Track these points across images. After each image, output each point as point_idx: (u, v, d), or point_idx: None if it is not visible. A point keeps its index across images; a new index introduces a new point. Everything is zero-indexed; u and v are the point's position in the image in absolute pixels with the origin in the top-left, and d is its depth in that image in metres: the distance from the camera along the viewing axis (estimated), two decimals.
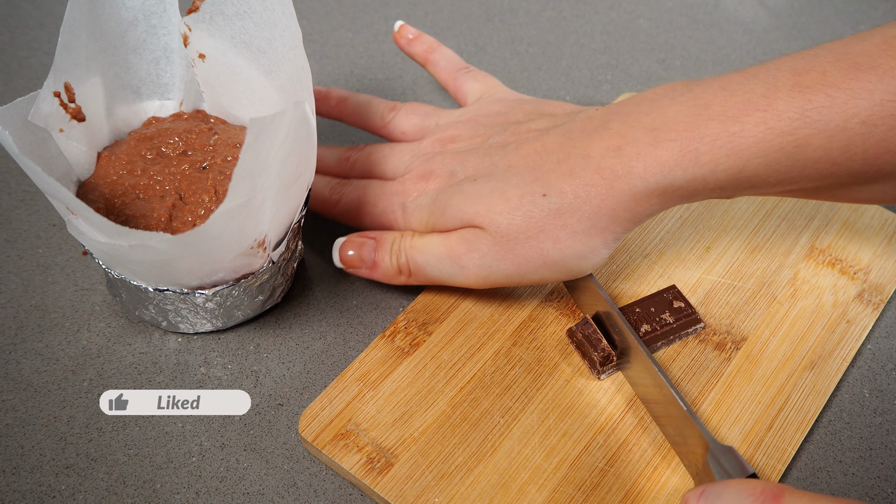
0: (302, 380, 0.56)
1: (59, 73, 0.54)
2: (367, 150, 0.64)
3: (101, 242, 0.48)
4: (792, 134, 0.47)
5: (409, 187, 0.59)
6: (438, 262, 0.56)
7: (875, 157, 0.48)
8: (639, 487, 0.51)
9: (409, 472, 0.51)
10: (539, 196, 0.52)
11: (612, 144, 0.51)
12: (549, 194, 0.52)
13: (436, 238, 0.56)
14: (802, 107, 0.47)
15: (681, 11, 0.84)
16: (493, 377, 0.55)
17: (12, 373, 0.56)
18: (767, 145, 0.48)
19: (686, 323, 0.57)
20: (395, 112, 0.66)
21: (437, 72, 0.69)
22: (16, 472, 0.52)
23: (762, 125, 0.48)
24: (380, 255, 0.57)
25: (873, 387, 0.57)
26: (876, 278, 0.61)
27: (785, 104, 0.47)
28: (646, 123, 0.51)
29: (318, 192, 0.62)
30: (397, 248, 0.57)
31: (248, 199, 0.47)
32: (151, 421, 0.54)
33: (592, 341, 0.55)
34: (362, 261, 0.58)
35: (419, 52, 0.70)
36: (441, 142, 0.62)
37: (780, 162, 0.48)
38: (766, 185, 0.50)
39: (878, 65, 0.46)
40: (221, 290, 0.54)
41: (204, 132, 0.58)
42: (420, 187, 0.59)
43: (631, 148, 0.50)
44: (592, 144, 0.52)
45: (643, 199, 0.51)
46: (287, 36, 0.54)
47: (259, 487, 0.52)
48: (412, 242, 0.57)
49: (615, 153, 0.51)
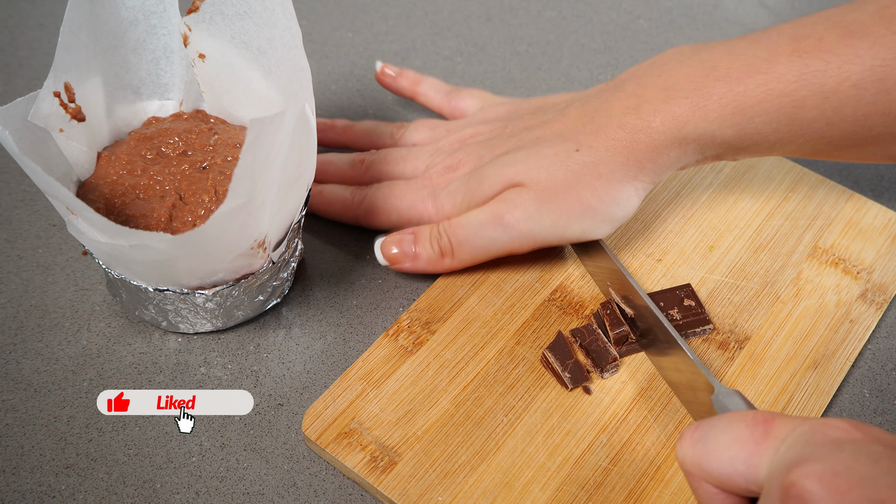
0: (302, 380, 0.56)
1: (59, 73, 0.54)
2: (382, 153, 0.65)
3: (102, 242, 0.48)
4: (790, 95, 0.53)
5: (436, 180, 0.61)
6: (481, 230, 0.57)
7: (864, 118, 0.53)
8: (642, 486, 0.51)
9: (413, 471, 0.51)
10: (573, 151, 0.56)
11: (630, 104, 0.56)
12: (581, 149, 0.56)
13: (475, 210, 0.58)
14: (800, 70, 0.53)
15: (681, 11, 0.84)
16: (497, 376, 0.55)
17: (12, 373, 0.56)
18: (768, 105, 0.53)
19: (693, 322, 0.57)
20: (404, 129, 0.68)
21: (429, 100, 0.71)
22: (16, 472, 0.52)
23: (763, 86, 0.53)
24: (420, 246, 0.59)
25: (873, 387, 0.57)
26: (879, 278, 0.61)
27: (784, 67, 0.53)
28: (659, 84, 0.56)
29: (339, 196, 0.63)
30: (435, 233, 0.59)
31: (248, 199, 0.47)
32: (151, 421, 0.54)
33: (564, 363, 0.55)
34: (405, 254, 0.59)
35: (406, 87, 0.71)
36: (460, 140, 0.64)
37: (779, 121, 0.54)
38: (767, 143, 0.55)
39: (870, 33, 0.52)
40: (221, 290, 0.54)
41: (204, 132, 0.58)
42: (449, 177, 0.61)
43: (647, 106, 0.55)
44: (612, 106, 0.57)
45: (662, 150, 0.56)
46: (287, 36, 0.53)
47: (259, 487, 0.51)
48: (452, 222, 0.58)
49: (634, 111, 0.56)
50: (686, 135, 0.55)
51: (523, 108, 0.65)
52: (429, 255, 0.59)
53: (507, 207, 0.56)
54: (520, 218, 0.56)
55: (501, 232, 0.57)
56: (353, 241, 0.64)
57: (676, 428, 0.53)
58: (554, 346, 0.55)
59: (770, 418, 0.40)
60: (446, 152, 0.63)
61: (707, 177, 0.66)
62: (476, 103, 0.69)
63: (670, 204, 0.64)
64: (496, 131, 0.63)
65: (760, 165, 0.67)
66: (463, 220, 0.58)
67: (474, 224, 0.57)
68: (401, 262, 0.59)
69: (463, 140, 0.64)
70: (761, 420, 0.41)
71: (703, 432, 0.42)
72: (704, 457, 0.41)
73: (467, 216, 0.58)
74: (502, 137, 0.61)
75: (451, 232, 0.58)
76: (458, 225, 0.58)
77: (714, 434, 0.41)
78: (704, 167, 0.66)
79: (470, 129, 0.65)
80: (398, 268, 0.60)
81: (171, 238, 0.46)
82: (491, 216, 0.57)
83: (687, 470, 0.43)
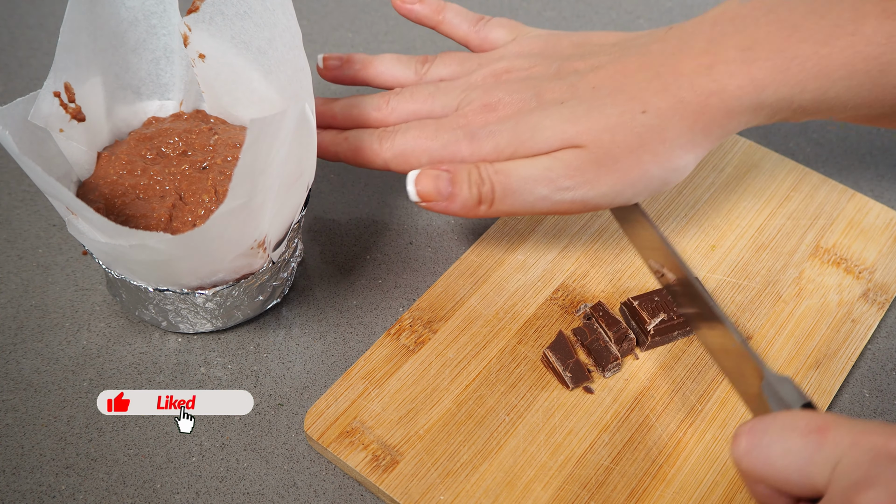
0: (302, 380, 0.56)
1: (58, 73, 0.54)
2: (407, 91, 0.61)
3: (101, 242, 0.48)
4: (878, 58, 0.50)
5: (472, 119, 0.57)
6: (532, 185, 0.53)
7: None
8: (644, 485, 0.51)
9: (415, 470, 0.51)
10: (639, 113, 0.52)
11: (702, 63, 0.52)
12: (648, 111, 0.52)
13: (526, 161, 0.54)
14: (890, 32, 0.49)
15: (681, 11, 0.84)
16: (499, 375, 0.55)
17: (12, 373, 0.56)
18: (853, 68, 0.50)
19: None
20: (429, 63, 0.63)
21: (454, 30, 0.64)
22: (16, 472, 0.51)
23: (850, 49, 0.50)
24: (457, 187, 0.53)
25: (873, 387, 0.57)
26: (881, 277, 0.61)
27: (872, 29, 0.49)
28: (735, 43, 0.52)
29: (366, 142, 0.58)
30: (476, 176, 0.54)
31: (248, 199, 0.47)
32: (151, 421, 0.54)
33: (565, 363, 0.55)
34: (439, 192, 0.54)
35: (428, 15, 0.64)
36: (494, 74, 0.60)
37: (863, 85, 0.51)
38: (845, 108, 0.52)
39: None
40: (221, 291, 0.54)
41: (204, 132, 0.58)
42: (487, 117, 0.57)
43: (723, 67, 0.51)
44: (682, 63, 0.53)
45: (735, 116, 0.52)
46: (287, 36, 0.53)
47: (259, 487, 0.51)
48: (496, 167, 0.54)
49: (707, 71, 0.52)
50: (763, 100, 0.51)
51: (563, 44, 0.60)
52: (465, 198, 0.53)
53: (564, 170, 0.53)
54: (578, 183, 0.53)
55: (553, 192, 0.53)
56: (354, 240, 0.64)
57: (678, 427, 0.53)
58: (555, 346, 0.55)
59: (824, 426, 0.40)
60: (482, 88, 0.58)
61: (709, 176, 0.66)
62: (508, 34, 0.63)
63: (672, 203, 0.64)
64: (538, 68, 0.58)
65: (762, 165, 0.67)
66: (510, 168, 0.54)
67: (525, 177, 0.53)
68: (434, 202, 0.54)
69: (498, 75, 0.59)
70: (815, 428, 0.40)
71: (757, 439, 0.41)
72: (759, 464, 0.41)
73: (516, 166, 0.54)
74: (547, 77, 0.57)
75: (496, 178, 0.53)
76: (505, 173, 0.53)
77: (767, 442, 0.41)
78: (706, 166, 0.66)
79: (505, 63, 0.60)
80: (429, 206, 0.54)
81: (171, 238, 0.46)
82: (544, 175, 0.53)
83: (742, 471, 0.42)
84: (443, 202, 0.54)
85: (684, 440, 0.53)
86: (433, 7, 0.64)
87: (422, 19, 0.64)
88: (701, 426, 0.53)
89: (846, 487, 0.37)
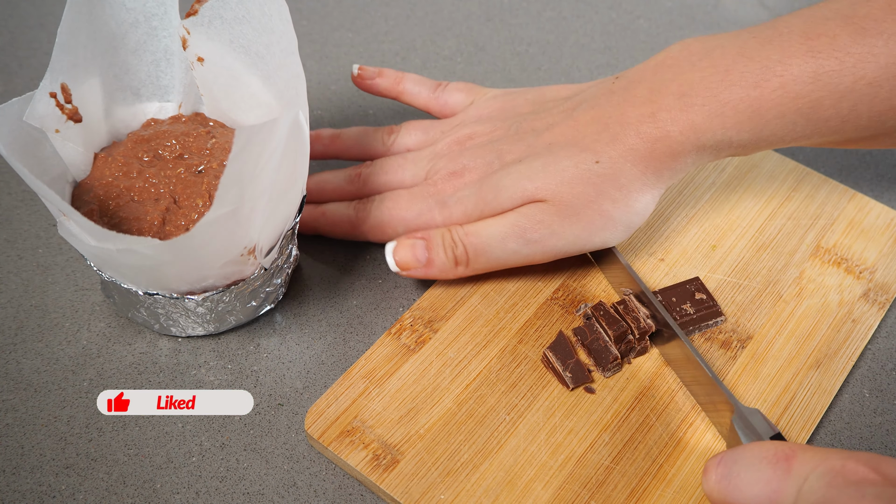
0: (302, 380, 0.56)
1: (55, 74, 0.54)
2: (377, 164, 0.63)
3: (91, 245, 0.48)
4: (807, 96, 0.52)
5: (441, 186, 0.59)
6: (502, 242, 0.56)
7: (880, 114, 0.53)
8: (644, 485, 0.51)
9: (415, 469, 0.50)
10: (593, 163, 0.55)
11: (645, 111, 0.55)
12: (601, 161, 0.55)
13: (493, 220, 0.57)
14: (815, 71, 0.52)
15: (681, 11, 0.84)
16: (499, 374, 0.55)
17: (12, 373, 0.56)
18: (785, 108, 0.53)
19: (707, 315, 0.57)
20: (395, 133, 0.65)
21: (414, 99, 0.67)
22: (16, 472, 0.51)
23: (780, 90, 0.52)
24: (433, 252, 0.57)
25: (873, 387, 0.57)
26: (882, 277, 0.61)
27: (799, 69, 0.52)
28: (673, 90, 0.55)
29: (342, 215, 0.61)
30: (449, 240, 0.57)
31: (235, 207, 0.46)
32: (151, 421, 0.54)
33: (565, 363, 0.55)
34: (417, 260, 0.57)
35: (388, 87, 0.67)
36: (458, 142, 0.62)
37: (795, 122, 0.53)
38: (782, 142, 0.55)
39: (883, 30, 0.51)
40: (212, 296, 0.53)
41: (202, 135, 0.58)
42: (455, 183, 0.59)
43: (664, 114, 0.54)
44: (626, 113, 0.56)
45: (680, 157, 0.55)
46: (284, 42, 0.53)
47: (259, 487, 0.51)
48: (466, 230, 0.57)
49: (650, 119, 0.55)
50: (704, 142, 0.54)
51: (519, 103, 0.63)
52: (442, 262, 0.57)
53: (529, 224, 0.55)
54: (544, 235, 0.55)
55: (522, 245, 0.56)
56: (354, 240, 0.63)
57: (679, 427, 0.53)
58: (555, 346, 0.55)
59: (791, 454, 0.42)
60: (447, 156, 0.61)
61: (710, 176, 0.66)
62: (465, 97, 0.66)
63: (673, 203, 0.64)
64: (498, 132, 0.61)
65: (763, 165, 0.67)
66: (480, 229, 0.56)
67: (494, 235, 0.56)
68: (413, 269, 0.57)
69: (461, 142, 0.62)
70: (783, 457, 0.42)
71: (728, 469, 0.44)
72: (730, 493, 0.43)
73: (485, 226, 0.57)
74: (507, 140, 0.60)
75: (467, 241, 0.56)
76: (475, 234, 0.56)
77: (737, 471, 0.43)
78: (707, 166, 0.66)
79: (466, 130, 0.62)
80: (409, 275, 0.58)
81: (159, 243, 0.46)
82: (512, 231, 0.56)
83: (713, 501, 0.45)
84: (421, 269, 0.57)
85: (684, 440, 0.53)
86: (392, 79, 0.67)
87: (382, 91, 0.68)
88: (701, 426, 0.53)
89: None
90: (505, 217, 0.56)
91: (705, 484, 0.45)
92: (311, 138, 0.65)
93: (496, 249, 0.56)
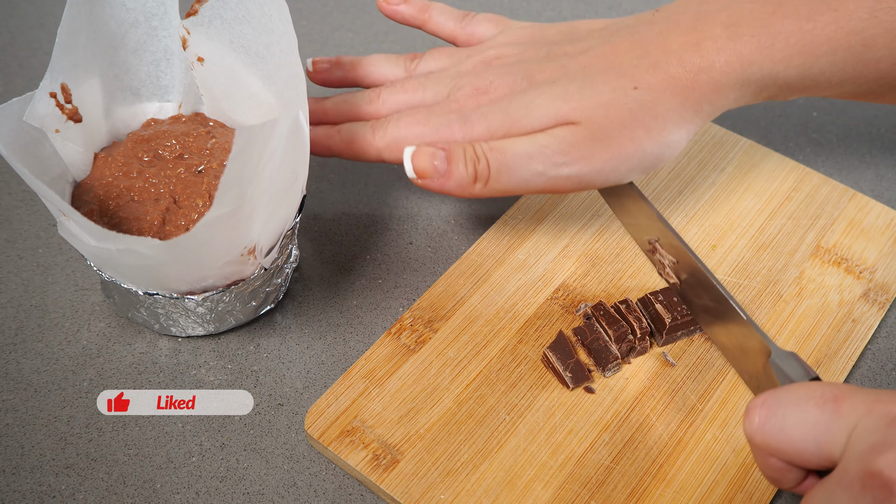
0: (302, 380, 0.56)
1: (55, 74, 0.54)
2: (398, 84, 0.61)
3: (91, 245, 0.48)
4: (861, 33, 0.50)
5: (464, 103, 0.57)
6: (528, 161, 0.53)
7: None
8: (644, 485, 0.51)
9: (415, 469, 0.50)
10: (631, 89, 0.53)
11: (689, 40, 0.53)
12: (640, 87, 0.53)
13: (521, 138, 0.54)
14: (872, 7, 0.50)
15: None
16: (499, 374, 0.55)
17: (12, 373, 0.56)
18: (837, 44, 0.51)
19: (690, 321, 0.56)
20: (418, 59, 0.63)
21: (440, 27, 0.64)
22: (16, 472, 0.51)
23: (833, 24, 0.50)
24: (453, 164, 0.53)
25: (874, 386, 0.57)
26: (882, 277, 0.61)
27: (855, 4, 0.50)
28: (721, 20, 0.53)
29: (357, 132, 0.58)
30: (472, 153, 0.53)
31: (235, 207, 0.46)
32: (151, 421, 0.54)
33: (565, 362, 0.55)
34: (435, 169, 0.53)
35: (412, 14, 0.65)
36: (484, 61, 0.60)
37: (846, 61, 0.51)
38: (829, 84, 0.53)
39: None
40: (212, 296, 0.53)
41: (202, 135, 0.58)
42: (479, 100, 0.57)
43: (710, 43, 0.52)
44: (668, 40, 0.54)
45: (724, 92, 0.53)
46: (284, 42, 0.53)
47: (259, 487, 0.51)
48: (491, 145, 0.53)
49: (695, 48, 0.53)
50: (750, 75, 0.52)
51: (551, 32, 0.61)
52: (461, 176, 0.53)
53: (560, 146, 0.53)
54: (573, 158, 0.53)
55: (548, 167, 0.53)
56: (353, 240, 0.63)
57: (679, 427, 0.53)
58: (555, 346, 0.55)
59: (839, 395, 0.40)
60: (472, 73, 0.58)
61: (710, 176, 0.66)
62: (494, 27, 0.63)
63: (673, 203, 0.64)
64: (528, 54, 0.59)
65: (763, 165, 0.67)
66: (505, 145, 0.53)
67: (520, 153, 0.53)
68: (430, 178, 0.53)
69: (488, 61, 0.59)
70: (831, 398, 0.40)
71: (771, 410, 0.42)
72: (774, 436, 0.41)
73: (511, 143, 0.53)
74: (538, 60, 0.57)
75: (491, 156, 0.53)
76: (500, 150, 0.53)
77: (782, 413, 0.41)
78: (707, 166, 0.66)
79: (494, 51, 0.60)
80: (425, 184, 0.54)
81: (158, 244, 0.45)
82: (540, 151, 0.53)
83: (755, 445, 0.43)
84: (438, 179, 0.53)
85: (684, 440, 0.53)
86: (418, 6, 0.64)
87: (407, 19, 0.65)
88: (701, 426, 0.53)
89: (862, 452, 0.37)
90: (534, 136, 0.54)
91: (747, 427, 0.43)
92: (331, 64, 0.63)
93: (521, 169, 0.53)
